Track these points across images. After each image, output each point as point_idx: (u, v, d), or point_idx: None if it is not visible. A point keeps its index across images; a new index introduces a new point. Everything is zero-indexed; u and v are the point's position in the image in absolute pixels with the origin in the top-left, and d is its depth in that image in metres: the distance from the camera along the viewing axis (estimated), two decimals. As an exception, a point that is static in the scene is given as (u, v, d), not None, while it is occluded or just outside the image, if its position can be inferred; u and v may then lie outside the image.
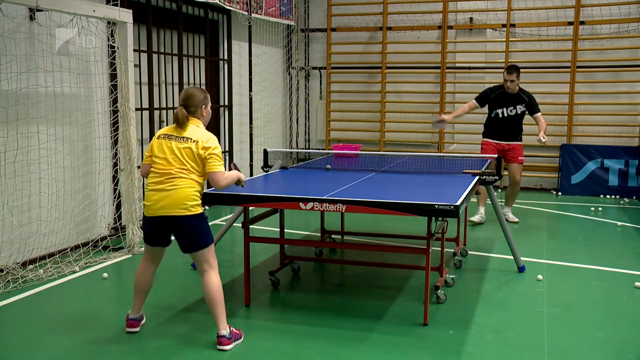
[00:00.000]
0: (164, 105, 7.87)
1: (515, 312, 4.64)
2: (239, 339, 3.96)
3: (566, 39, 9.92)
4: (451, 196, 4.20)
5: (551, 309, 4.66)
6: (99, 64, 6.38)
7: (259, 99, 9.90)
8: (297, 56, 11.26)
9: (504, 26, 10.13)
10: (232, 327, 3.95)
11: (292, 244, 6.11)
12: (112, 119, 6.47)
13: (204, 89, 4.96)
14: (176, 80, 8.12)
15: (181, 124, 3.91)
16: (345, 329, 4.21)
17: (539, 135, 7.03)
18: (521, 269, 5.59)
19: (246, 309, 4.60)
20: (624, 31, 9.78)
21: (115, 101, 6.35)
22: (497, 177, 5.33)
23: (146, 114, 7.49)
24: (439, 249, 5.09)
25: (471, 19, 10.42)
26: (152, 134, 7.34)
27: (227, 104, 9.35)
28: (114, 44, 6.15)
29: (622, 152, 9.64)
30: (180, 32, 8.08)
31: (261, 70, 9.97)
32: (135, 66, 6.88)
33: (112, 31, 6.16)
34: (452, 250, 5.92)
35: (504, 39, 10.11)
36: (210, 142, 3.89)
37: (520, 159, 7.56)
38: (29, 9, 5.50)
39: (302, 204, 4.14)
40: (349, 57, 11.15)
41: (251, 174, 9.28)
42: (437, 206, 3.92)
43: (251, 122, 9.48)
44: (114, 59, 6.23)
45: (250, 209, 4.68)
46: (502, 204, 7.58)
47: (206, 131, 3.98)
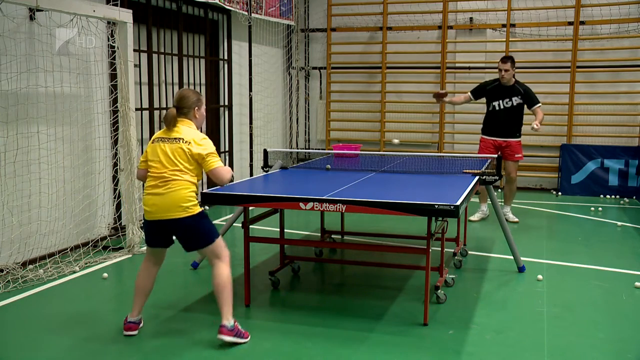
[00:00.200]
0: (164, 105, 7.86)
1: (515, 312, 4.64)
2: (242, 338, 3.93)
3: (566, 39, 9.92)
4: (451, 196, 4.21)
5: (551, 309, 4.66)
6: (99, 64, 6.38)
7: (259, 99, 9.89)
8: (297, 56, 11.26)
9: (504, 26, 10.13)
10: (239, 325, 3.94)
11: (292, 244, 6.10)
12: (112, 119, 6.48)
13: (198, 91, 4.97)
14: (176, 80, 8.12)
15: (169, 124, 3.93)
16: (345, 329, 4.21)
17: (533, 123, 6.93)
18: (521, 269, 5.59)
19: (246, 309, 4.60)
20: (624, 31, 9.78)
21: (115, 101, 6.35)
22: (497, 177, 5.34)
23: (146, 114, 7.49)
24: (439, 249, 5.09)
25: (471, 19, 10.41)
26: (152, 134, 7.34)
27: (227, 104, 9.35)
28: (114, 44, 6.15)
29: (622, 152, 9.64)
30: (180, 32, 8.08)
31: (261, 70, 9.97)
32: (135, 66, 6.88)
33: (112, 31, 6.17)
34: (452, 250, 5.92)
35: (504, 39, 10.10)
36: (203, 141, 3.93)
37: (517, 156, 7.51)
38: (29, 9, 5.51)
39: (302, 204, 4.14)
40: (349, 57, 11.15)
41: (251, 174, 9.28)
42: (437, 206, 3.92)
43: (251, 122, 9.48)
44: (114, 59, 6.23)
45: (250, 209, 4.69)
46: (502, 203, 7.58)
47: (197, 131, 4.01)
